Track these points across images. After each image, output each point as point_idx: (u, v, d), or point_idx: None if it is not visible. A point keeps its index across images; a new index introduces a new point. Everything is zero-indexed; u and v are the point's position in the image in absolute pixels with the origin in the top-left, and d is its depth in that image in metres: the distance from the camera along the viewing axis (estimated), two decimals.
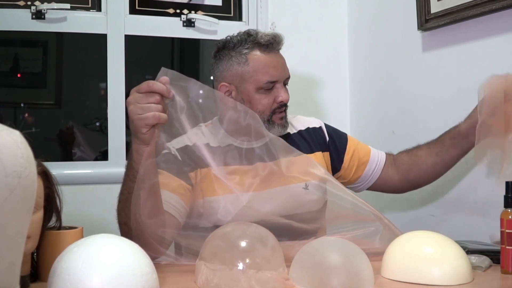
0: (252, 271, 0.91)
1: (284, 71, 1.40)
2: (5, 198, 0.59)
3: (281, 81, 1.39)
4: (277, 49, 1.41)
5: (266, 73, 1.37)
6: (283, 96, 1.38)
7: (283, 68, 1.40)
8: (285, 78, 1.40)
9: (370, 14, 2.10)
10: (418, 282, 0.97)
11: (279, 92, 1.38)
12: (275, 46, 1.40)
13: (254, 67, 1.38)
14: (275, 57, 1.40)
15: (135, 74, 2.89)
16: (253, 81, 1.38)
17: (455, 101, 1.68)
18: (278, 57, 1.40)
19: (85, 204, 1.84)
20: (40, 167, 1.00)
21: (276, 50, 1.40)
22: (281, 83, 1.39)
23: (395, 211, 1.95)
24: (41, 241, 0.99)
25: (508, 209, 1.05)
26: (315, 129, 1.52)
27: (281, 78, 1.39)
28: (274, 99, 1.38)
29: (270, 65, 1.38)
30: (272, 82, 1.38)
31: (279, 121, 1.40)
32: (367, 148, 1.54)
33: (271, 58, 1.39)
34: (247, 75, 1.38)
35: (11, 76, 2.41)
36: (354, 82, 2.20)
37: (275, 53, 1.40)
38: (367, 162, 1.51)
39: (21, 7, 1.88)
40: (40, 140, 2.55)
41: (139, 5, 2.04)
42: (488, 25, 1.55)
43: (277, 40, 1.39)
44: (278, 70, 1.38)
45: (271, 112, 1.39)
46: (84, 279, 0.76)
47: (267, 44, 1.38)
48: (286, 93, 1.40)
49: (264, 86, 1.37)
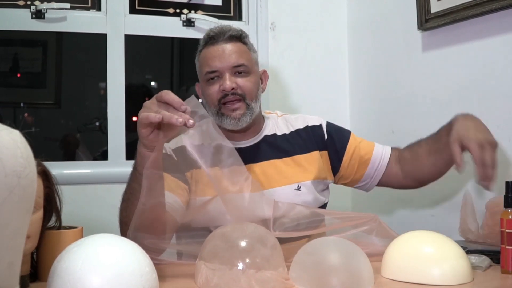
0: (252, 271, 0.91)
1: (226, 60, 1.35)
2: (5, 198, 0.59)
3: (223, 70, 1.34)
4: (222, 39, 1.36)
5: (206, 65, 1.36)
6: (223, 85, 1.33)
7: (226, 57, 1.35)
8: (228, 66, 1.34)
9: (370, 14, 2.10)
10: (418, 282, 0.97)
11: (222, 81, 1.34)
12: (219, 37, 1.37)
13: (200, 62, 1.41)
14: (218, 47, 1.36)
15: (135, 74, 2.89)
16: (201, 76, 1.40)
17: (455, 101, 1.68)
18: (222, 47, 1.36)
19: (85, 204, 1.84)
20: (40, 166, 1.00)
21: (221, 41, 1.36)
22: (227, 72, 1.34)
23: (395, 211, 1.95)
24: (40, 241, 0.99)
25: (508, 209, 1.05)
26: (314, 127, 1.49)
27: (223, 68, 1.34)
28: (219, 89, 1.35)
29: (209, 56, 1.36)
30: (211, 72, 1.35)
31: (229, 113, 1.35)
32: (371, 145, 1.50)
33: (212, 49, 1.36)
34: (198, 72, 1.42)
35: (10, 76, 2.42)
36: (354, 82, 2.20)
37: (220, 44, 1.36)
38: (369, 160, 1.47)
39: (21, 6, 1.88)
40: (40, 139, 2.55)
41: (139, 5, 2.04)
42: (488, 25, 1.55)
43: (222, 31, 1.37)
44: (218, 59, 1.34)
45: (218, 103, 1.35)
46: (83, 279, 0.76)
47: (209, 38, 1.38)
48: (229, 81, 1.33)
49: (206, 77, 1.37)
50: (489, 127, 1.56)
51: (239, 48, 1.38)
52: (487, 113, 1.57)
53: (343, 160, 1.48)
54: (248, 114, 1.36)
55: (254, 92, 1.38)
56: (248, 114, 1.36)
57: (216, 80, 1.36)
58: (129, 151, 1.98)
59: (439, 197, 1.74)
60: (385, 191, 2.00)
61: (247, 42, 1.42)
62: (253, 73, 1.39)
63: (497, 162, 1.15)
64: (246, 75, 1.37)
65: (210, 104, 1.37)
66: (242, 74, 1.37)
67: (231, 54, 1.36)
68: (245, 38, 1.41)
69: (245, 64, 1.37)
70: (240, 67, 1.36)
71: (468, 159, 1.48)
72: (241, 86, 1.35)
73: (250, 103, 1.36)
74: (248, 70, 1.37)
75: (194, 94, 1.21)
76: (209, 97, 1.37)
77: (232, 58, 1.35)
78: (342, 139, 1.49)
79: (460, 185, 1.66)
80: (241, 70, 1.36)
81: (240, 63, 1.36)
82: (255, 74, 1.41)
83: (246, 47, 1.40)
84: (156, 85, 3.20)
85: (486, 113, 1.57)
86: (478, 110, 1.60)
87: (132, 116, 2.53)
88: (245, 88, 1.36)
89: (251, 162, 1.38)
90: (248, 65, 1.37)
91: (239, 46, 1.38)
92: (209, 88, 1.37)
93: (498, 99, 1.54)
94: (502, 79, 1.53)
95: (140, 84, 2.93)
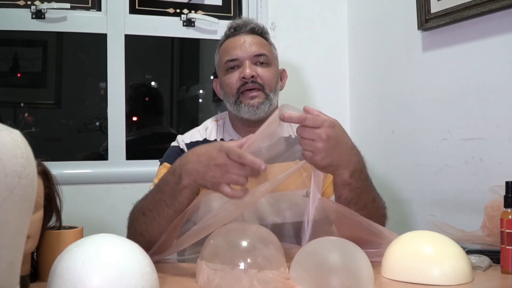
0: (253, 271, 0.91)
1: (247, 49, 1.35)
2: (5, 198, 0.59)
3: (244, 58, 1.34)
4: (244, 31, 1.38)
5: (227, 54, 1.36)
6: (244, 72, 1.32)
7: (248, 46, 1.35)
8: (249, 55, 1.34)
9: (370, 14, 2.10)
10: (418, 282, 0.97)
11: (242, 69, 1.33)
12: (241, 29, 1.38)
13: (220, 53, 1.40)
14: (240, 38, 1.37)
15: (135, 74, 2.90)
16: (220, 67, 1.39)
17: (455, 101, 1.68)
18: (243, 38, 1.37)
19: (85, 204, 1.84)
20: (40, 166, 1.00)
21: (243, 32, 1.38)
22: (247, 61, 1.34)
23: (395, 211, 1.95)
24: (41, 241, 0.99)
25: (508, 209, 1.05)
26: None
27: (243, 55, 1.34)
28: (239, 77, 1.34)
29: (231, 46, 1.36)
30: (232, 60, 1.35)
31: (247, 101, 1.33)
32: None
33: (233, 39, 1.37)
34: (218, 64, 1.41)
35: (11, 76, 2.42)
36: (354, 82, 2.20)
37: (242, 34, 1.37)
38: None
39: (21, 6, 1.88)
40: (40, 139, 2.55)
41: (139, 5, 2.04)
42: (488, 25, 1.55)
43: (244, 24, 1.38)
44: (239, 48, 1.35)
45: (237, 92, 1.34)
46: (84, 279, 0.76)
47: (230, 30, 1.39)
48: (249, 69, 1.32)
49: (225, 66, 1.36)
50: (489, 127, 1.57)
51: (261, 40, 1.39)
52: (487, 113, 1.58)
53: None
54: (266, 103, 1.34)
55: (274, 84, 1.37)
56: (266, 104, 1.34)
57: (236, 69, 1.35)
58: (129, 151, 1.99)
59: (440, 197, 1.74)
60: (385, 191, 2.00)
61: (268, 38, 1.42)
62: (273, 65, 1.39)
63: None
64: (266, 66, 1.36)
65: (229, 93, 1.36)
66: (262, 64, 1.36)
67: (252, 44, 1.36)
68: (266, 34, 1.42)
69: (266, 54, 1.36)
70: (261, 57, 1.36)
71: (469, 158, 1.49)
72: (261, 75, 1.34)
73: (269, 93, 1.35)
74: (268, 61, 1.37)
75: (194, 94, 1.21)
76: (228, 86, 1.35)
77: (253, 48, 1.35)
78: None
79: (460, 185, 1.66)
80: (262, 60, 1.36)
81: (261, 52, 1.36)
82: (275, 67, 1.40)
83: (267, 42, 1.41)
84: (156, 85, 3.21)
85: (486, 113, 1.58)
86: (478, 110, 1.61)
87: (132, 116, 2.53)
88: (264, 78, 1.34)
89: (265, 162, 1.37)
90: (269, 56, 1.37)
91: (261, 39, 1.39)
92: (228, 77, 1.36)
93: (498, 99, 1.54)
94: (502, 79, 1.53)
95: (140, 84, 2.93)
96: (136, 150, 2.20)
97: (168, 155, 1.39)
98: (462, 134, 1.65)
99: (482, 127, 1.58)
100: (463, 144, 1.64)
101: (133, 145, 2.22)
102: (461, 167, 1.65)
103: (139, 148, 2.29)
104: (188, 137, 1.40)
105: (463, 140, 1.65)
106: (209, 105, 3.01)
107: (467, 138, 1.63)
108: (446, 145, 1.71)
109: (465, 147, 1.64)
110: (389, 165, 1.97)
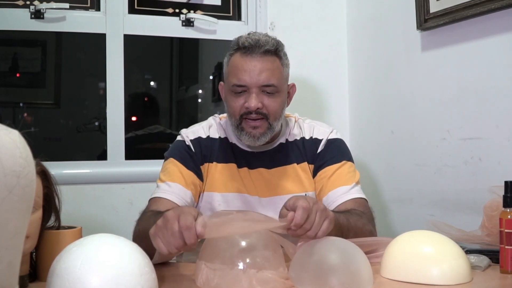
0: (252, 271, 0.91)
1: (257, 77, 1.29)
2: (4, 197, 0.59)
3: (252, 86, 1.30)
4: (257, 53, 1.31)
5: (235, 76, 1.31)
6: (249, 103, 1.29)
7: (257, 74, 1.30)
8: (257, 84, 1.30)
9: (369, 14, 2.10)
10: (418, 282, 0.97)
11: (248, 98, 1.30)
12: (254, 50, 1.30)
13: (230, 68, 1.34)
14: (251, 61, 1.30)
15: (134, 74, 2.90)
16: (227, 82, 1.35)
17: (454, 101, 1.68)
18: (255, 62, 1.30)
19: (84, 204, 1.84)
20: (39, 166, 1.00)
21: (256, 54, 1.31)
22: (254, 89, 1.30)
23: (395, 211, 1.95)
24: (40, 241, 0.99)
25: (507, 208, 1.05)
26: (317, 140, 1.43)
27: (252, 84, 1.30)
28: (243, 104, 1.31)
29: (241, 68, 1.31)
30: (239, 86, 1.31)
31: (249, 129, 1.32)
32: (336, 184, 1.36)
33: (245, 61, 1.31)
34: (226, 76, 1.37)
35: (10, 76, 2.41)
36: (353, 82, 2.20)
37: (253, 57, 1.31)
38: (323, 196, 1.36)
39: (20, 6, 1.88)
40: (39, 139, 2.55)
41: (138, 5, 2.04)
42: (487, 25, 1.55)
43: (258, 44, 1.31)
44: (249, 75, 1.30)
45: (239, 117, 1.32)
46: (83, 278, 0.76)
47: (245, 47, 1.31)
48: (255, 100, 1.29)
49: (232, 89, 1.32)
50: (488, 127, 1.57)
51: (272, 65, 1.32)
52: (486, 112, 1.58)
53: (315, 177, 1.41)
54: (268, 133, 1.34)
55: (279, 113, 1.34)
56: (268, 134, 1.34)
57: (242, 94, 1.31)
58: (128, 151, 1.98)
59: (439, 196, 1.74)
60: (385, 191, 2.01)
61: (282, 56, 1.36)
62: (281, 92, 1.34)
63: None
64: (273, 95, 1.32)
65: (232, 116, 1.34)
66: (269, 94, 1.32)
67: (262, 72, 1.30)
68: (280, 52, 1.36)
69: (275, 84, 1.31)
70: (269, 87, 1.31)
71: (468, 158, 1.49)
72: (266, 106, 1.31)
73: (272, 123, 1.33)
74: (276, 90, 1.32)
75: (193, 94, 1.21)
76: (232, 109, 1.33)
77: (262, 77, 1.30)
78: (324, 161, 1.40)
79: (459, 185, 1.66)
80: (269, 91, 1.32)
81: (270, 83, 1.31)
82: (283, 93, 1.36)
83: (280, 62, 1.35)
84: (155, 85, 3.21)
85: (485, 113, 1.58)
86: (477, 110, 1.61)
87: (131, 116, 2.53)
88: (270, 109, 1.32)
89: (264, 167, 1.38)
90: (277, 85, 1.32)
91: (273, 63, 1.33)
92: (233, 100, 1.33)
93: (497, 99, 1.54)
94: (501, 79, 1.53)
95: (140, 84, 2.93)
96: (135, 150, 2.20)
97: (174, 149, 1.40)
98: (461, 134, 1.65)
99: (481, 127, 1.58)
100: (462, 144, 1.64)
101: (132, 145, 2.22)
102: (460, 167, 1.65)
103: (138, 148, 2.29)
104: (192, 133, 1.41)
105: (462, 140, 1.65)
106: (208, 105, 3.01)
107: (466, 138, 1.63)
108: (445, 145, 1.71)
109: (464, 147, 1.64)
110: (388, 165, 1.97)
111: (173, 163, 1.35)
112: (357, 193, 1.34)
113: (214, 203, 1.35)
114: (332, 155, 1.39)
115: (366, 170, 2.04)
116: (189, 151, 1.37)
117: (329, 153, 1.40)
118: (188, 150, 1.37)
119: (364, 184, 1.46)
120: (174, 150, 1.40)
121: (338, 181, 1.35)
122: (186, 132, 1.42)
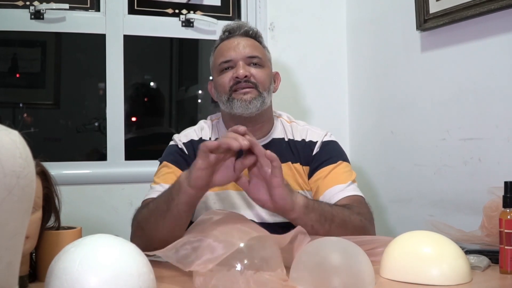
0: (250, 272, 0.91)
1: (241, 50, 1.38)
2: (4, 198, 0.59)
3: (237, 59, 1.37)
4: (238, 33, 1.42)
5: (221, 55, 1.40)
6: (237, 72, 1.36)
7: (241, 48, 1.39)
8: (242, 56, 1.38)
9: (369, 14, 2.10)
10: (417, 282, 0.97)
11: (236, 69, 1.37)
12: (235, 31, 1.42)
13: (214, 55, 1.44)
14: (234, 40, 1.40)
15: (134, 74, 2.89)
16: (215, 68, 1.42)
17: (453, 101, 1.68)
18: (238, 39, 1.41)
19: (84, 204, 1.84)
20: (39, 167, 1.00)
21: (238, 35, 1.41)
22: (241, 62, 1.37)
23: (394, 211, 1.95)
24: (39, 241, 0.99)
25: (506, 209, 1.05)
26: (311, 142, 1.43)
27: (237, 57, 1.37)
28: (232, 76, 1.37)
29: (225, 48, 1.40)
30: (226, 62, 1.38)
31: (239, 96, 1.35)
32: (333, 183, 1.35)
33: (228, 42, 1.41)
34: (212, 66, 1.44)
35: (9, 76, 2.41)
36: (353, 82, 2.21)
37: (236, 37, 1.41)
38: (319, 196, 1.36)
39: (20, 7, 1.88)
40: (39, 140, 2.55)
41: (138, 5, 2.04)
42: (487, 25, 1.56)
43: (239, 26, 1.42)
44: (233, 50, 1.38)
45: (230, 90, 1.37)
46: (81, 279, 0.76)
47: (225, 33, 1.43)
48: (242, 69, 1.36)
49: (219, 67, 1.39)
50: (488, 127, 1.57)
51: (254, 43, 1.42)
52: (486, 113, 1.58)
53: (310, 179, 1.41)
54: (259, 99, 1.36)
55: (267, 83, 1.40)
56: (259, 100, 1.36)
57: (229, 70, 1.38)
58: (128, 152, 1.98)
59: (438, 197, 1.74)
60: (384, 191, 2.00)
61: (261, 41, 1.46)
62: (266, 67, 1.42)
63: None
64: (259, 67, 1.40)
65: (222, 92, 1.38)
66: (256, 65, 1.39)
67: (246, 46, 1.39)
68: (260, 38, 1.46)
69: (259, 56, 1.40)
70: (254, 59, 1.39)
71: (467, 158, 1.49)
72: (254, 75, 1.37)
73: (262, 92, 1.37)
74: (262, 62, 1.40)
75: (193, 95, 1.22)
76: (221, 86, 1.38)
77: (247, 49, 1.39)
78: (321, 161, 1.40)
79: (458, 185, 1.66)
80: (255, 62, 1.39)
81: (254, 54, 1.39)
82: (268, 69, 1.43)
83: (261, 45, 1.45)
84: (155, 85, 3.20)
85: (485, 113, 1.58)
86: (476, 110, 1.61)
87: (131, 117, 2.53)
88: (258, 77, 1.38)
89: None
90: (262, 58, 1.41)
91: (254, 42, 1.43)
92: (222, 77, 1.39)
93: (496, 99, 1.54)
94: (501, 79, 1.53)
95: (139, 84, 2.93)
96: (135, 150, 2.19)
97: (167, 154, 1.41)
98: (460, 134, 1.65)
99: (481, 127, 1.58)
100: (462, 144, 1.65)
101: (132, 145, 2.22)
102: (459, 167, 1.65)
103: (138, 149, 2.29)
104: (184, 137, 1.42)
105: (462, 140, 1.65)
106: (208, 105, 3.01)
107: (466, 138, 1.63)
108: (444, 145, 1.71)
109: (463, 147, 1.64)
110: (388, 165, 1.97)
111: (167, 166, 1.36)
112: (353, 191, 1.34)
113: (209, 201, 1.35)
114: (328, 156, 1.40)
115: (365, 170, 2.04)
116: (183, 154, 1.38)
117: (324, 155, 1.40)
118: (182, 153, 1.38)
119: (364, 184, 1.47)
120: (167, 154, 1.40)
121: (334, 180, 1.36)
122: (178, 136, 1.43)
